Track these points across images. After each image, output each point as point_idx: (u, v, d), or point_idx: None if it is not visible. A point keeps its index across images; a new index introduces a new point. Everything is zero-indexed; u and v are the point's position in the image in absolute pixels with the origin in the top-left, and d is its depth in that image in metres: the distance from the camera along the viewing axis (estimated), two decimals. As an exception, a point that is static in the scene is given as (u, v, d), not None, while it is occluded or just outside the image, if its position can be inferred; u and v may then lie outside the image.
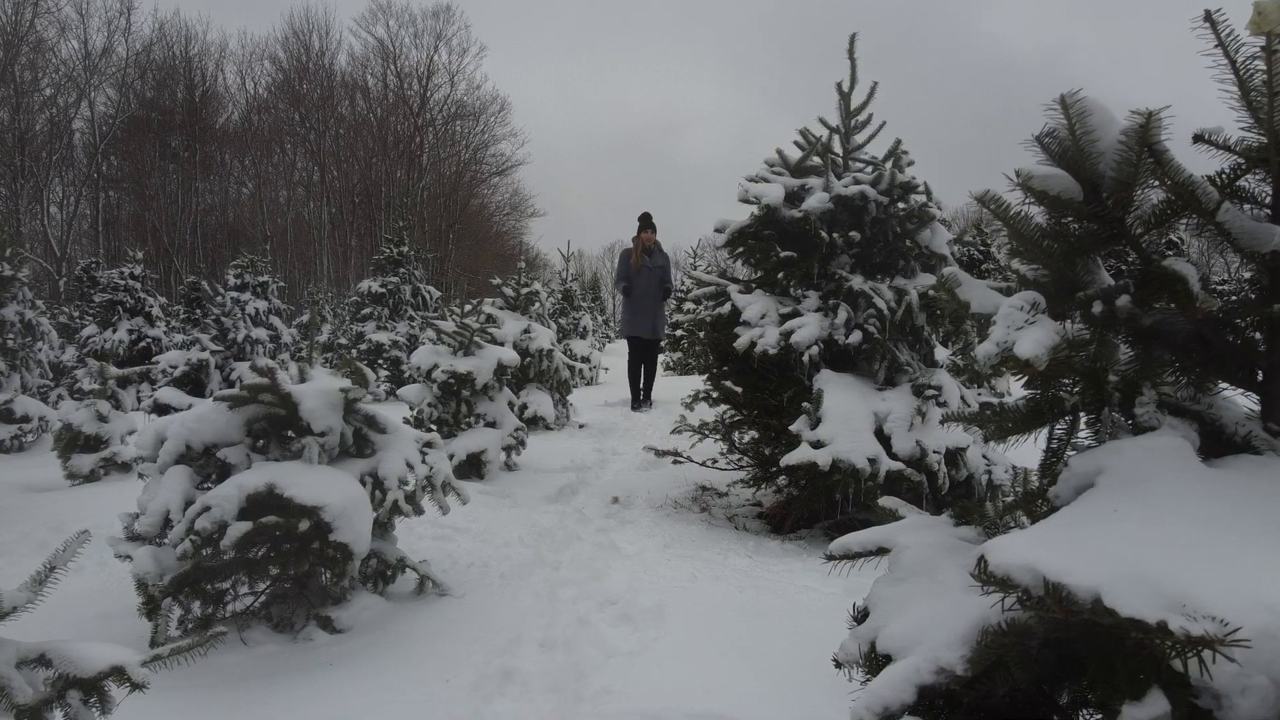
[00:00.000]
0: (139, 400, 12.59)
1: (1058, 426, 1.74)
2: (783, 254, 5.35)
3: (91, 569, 4.70)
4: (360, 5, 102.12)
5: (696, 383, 6.78)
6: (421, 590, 4.20)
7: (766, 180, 5.39)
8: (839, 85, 5.65)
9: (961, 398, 5.17)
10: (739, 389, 5.66)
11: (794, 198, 5.40)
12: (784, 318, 5.31)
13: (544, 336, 8.08)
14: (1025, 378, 1.59)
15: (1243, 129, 1.60)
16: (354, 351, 14.62)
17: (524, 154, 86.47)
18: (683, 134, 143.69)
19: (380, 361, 14.39)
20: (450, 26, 65.47)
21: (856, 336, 5.21)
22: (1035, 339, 1.47)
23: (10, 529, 5.50)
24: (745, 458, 5.98)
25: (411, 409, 6.77)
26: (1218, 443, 1.61)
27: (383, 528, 4.08)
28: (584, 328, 14.71)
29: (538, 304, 8.59)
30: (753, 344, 5.20)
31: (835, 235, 5.26)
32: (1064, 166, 1.65)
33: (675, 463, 6.47)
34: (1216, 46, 1.57)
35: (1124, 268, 1.68)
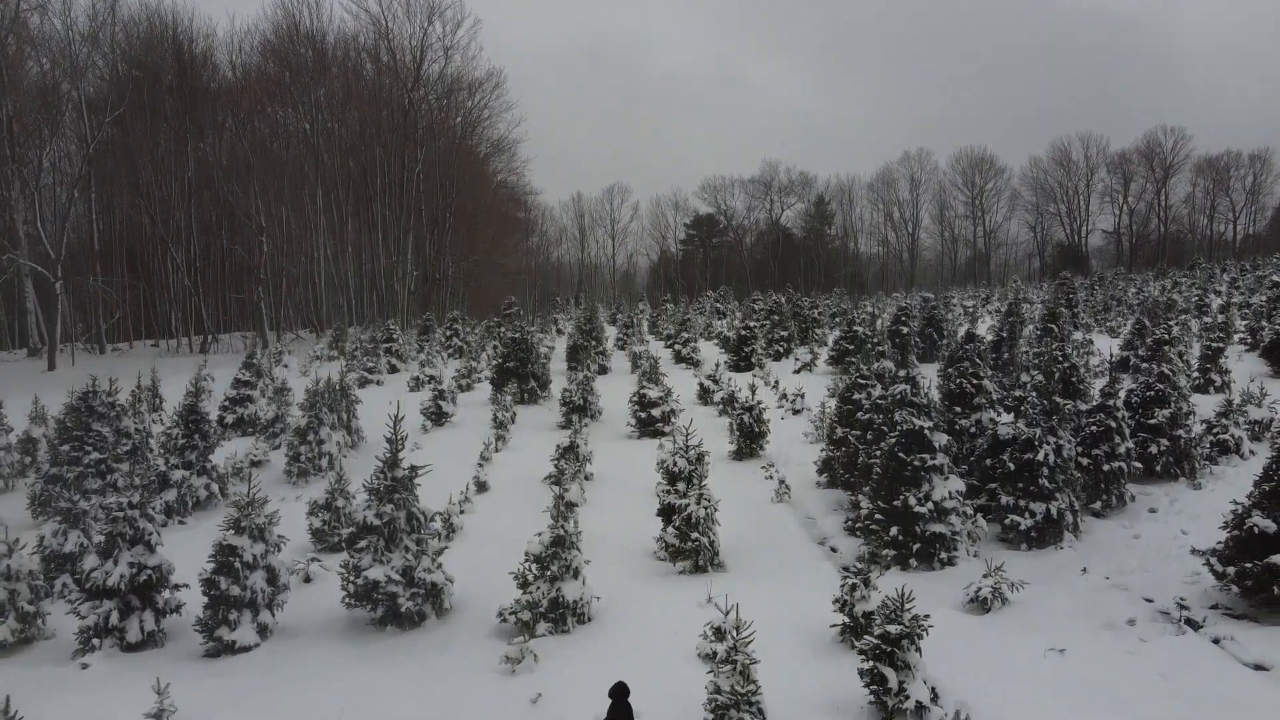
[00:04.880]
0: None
1: None
2: None
3: None
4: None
5: None
6: None
7: None
8: None
9: None
10: None
11: None
12: None
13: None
14: None
15: None
16: (349, 588, 14.93)
17: (521, 132, 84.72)
18: (655, 45, 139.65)
19: (377, 595, 14.73)
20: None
21: None
22: None
23: None
24: None
25: None
26: None
27: None
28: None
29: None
30: None
31: None
32: None
33: None
34: None
35: None
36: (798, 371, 37.83)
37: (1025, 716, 11.07)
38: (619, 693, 9.24)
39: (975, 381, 20.31)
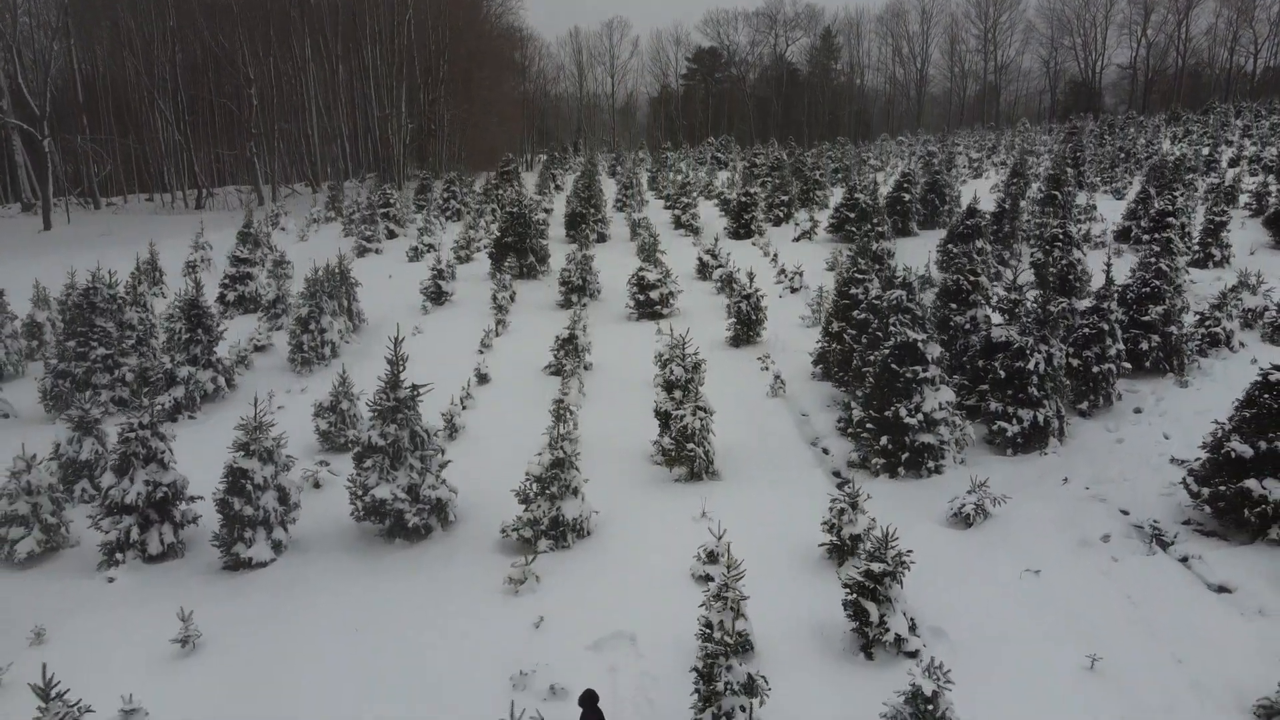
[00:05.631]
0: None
1: None
2: None
3: None
4: None
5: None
6: None
7: None
8: None
9: None
10: None
11: None
12: None
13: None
14: None
15: None
16: (358, 505, 15.50)
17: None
18: None
19: (385, 511, 15.34)
20: None
21: None
22: None
23: None
24: None
25: None
26: None
27: None
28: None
29: None
30: None
31: None
32: None
33: None
34: None
35: None
36: (797, 240, 37.66)
37: (998, 643, 11.75)
38: (589, 700, 9.81)
39: (972, 279, 20.35)
